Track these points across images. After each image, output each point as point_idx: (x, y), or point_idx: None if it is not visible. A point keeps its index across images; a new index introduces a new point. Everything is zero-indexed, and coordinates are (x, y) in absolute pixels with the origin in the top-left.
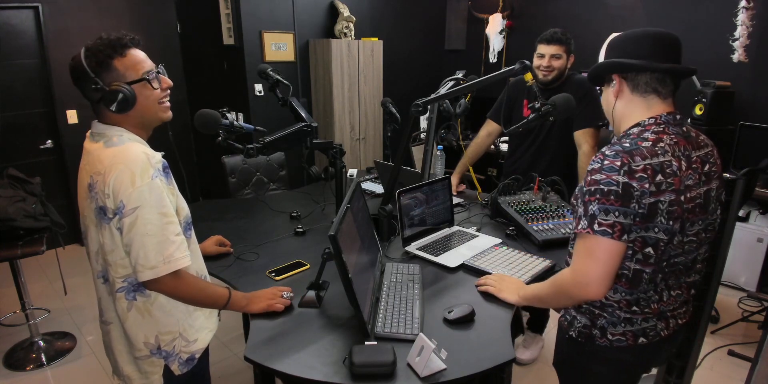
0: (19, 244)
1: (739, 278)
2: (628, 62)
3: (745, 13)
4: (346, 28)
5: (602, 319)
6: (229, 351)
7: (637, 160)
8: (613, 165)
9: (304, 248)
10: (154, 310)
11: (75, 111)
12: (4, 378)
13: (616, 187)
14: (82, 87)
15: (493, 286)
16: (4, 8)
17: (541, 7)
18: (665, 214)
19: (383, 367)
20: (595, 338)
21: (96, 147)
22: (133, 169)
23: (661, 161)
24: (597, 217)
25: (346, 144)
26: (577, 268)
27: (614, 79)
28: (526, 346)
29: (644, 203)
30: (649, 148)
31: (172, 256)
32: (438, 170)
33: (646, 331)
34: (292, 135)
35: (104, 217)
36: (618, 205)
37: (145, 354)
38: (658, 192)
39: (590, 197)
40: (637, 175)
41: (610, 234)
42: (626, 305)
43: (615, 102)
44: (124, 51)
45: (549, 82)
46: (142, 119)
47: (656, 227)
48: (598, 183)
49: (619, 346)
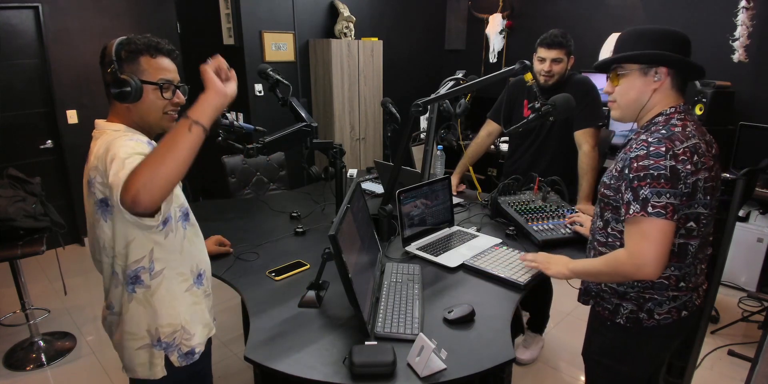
0: (19, 244)
1: (739, 278)
2: (686, 60)
3: (745, 13)
4: (346, 28)
5: (649, 303)
6: (229, 351)
7: (677, 144)
8: (659, 151)
9: (304, 248)
10: (154, 302)
11: (75, 111)
12: (4, 378)
13: (665, 171)
14: (102, 70)
15: (542, 262)
16: (4, 8)
17: (541, 7)
18: (702, 191)
19: (383, 367)
20: (643, 321)
21: (94, 145)
22: (115, 150)
23: (694, 143)
24: (650, 200)
25: (346, 144)
26: (634, 251)
27: (659, 72)
28: (526, 346)
29: (689, 183)
30: (682, 133)
31: (119, 171)
32: (438, 170)
33: (687, 304)
34: (292, 135)
35: (106, 208)
36: (669, 187)
37: (147, 343)
38: (696, 171)
39: (640, 182)
40: (680, 158)
41: (663, 215)
42: (675, 281)
43: (653, 93)
44: (156, 55)
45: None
46: (142, 121)
47: (696, 203)
48: (647, 168)
49: (665, 323)
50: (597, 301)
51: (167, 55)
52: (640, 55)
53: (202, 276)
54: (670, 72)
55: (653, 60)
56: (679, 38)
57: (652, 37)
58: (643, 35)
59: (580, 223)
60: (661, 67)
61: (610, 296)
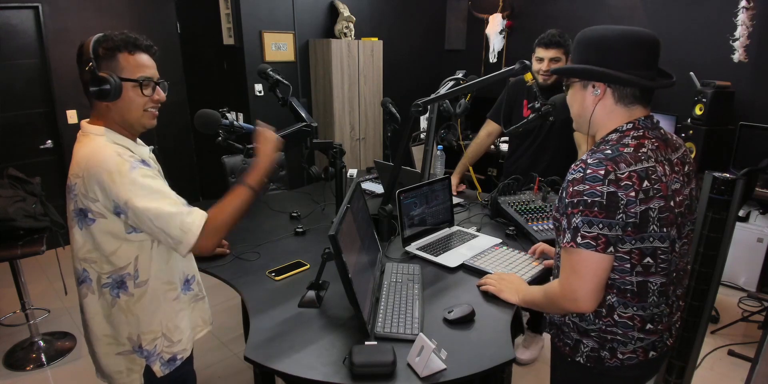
0: (19, 244)
1: (739, 278)
2: (618, 76)
3: (745, 13)
4: (346, 28)
5: (613, 342)
6: (229, 351)
7: (621, 168)
8: (597, 174)
9: (304, 248)
10: (136, 310)
11: (75, 111)
12: (4, 378)
13: (600, 198)
14: (80, 68)
15: (494, 285)
16: (4, 8)
17: (541, 7)
18: (657, 222)
19: (383, 367)
20: (605, 360)
21: (77, 148)
22: (107, 168)
23: (646, 167)
24: (580, 229)
25: (346, 144)
26: (564, 284)
27: (597, 87)
28: (526, 346)
29: (633, 212)
30: (632, 154)
31: (186, 224)
32: (438, 170)
33: (656, 344)
34: (292, 135)
35: (84, 218)
36: (602, 216)
37: (127, 349)
38: (646, 199)
39: (573, 209)
40: (623, 184)
41: (593, 246)
42: (640, 322)
43: (594, 108)
44: (135, 51)
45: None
46: (123, 120)
47: (651, 237)
48: (582, 194)
49: (630, 363)
50: (557, 335)
51: (145, 51)
52: (569, 69)
53: (191, 281)
54: (610, 87)
55: (581, 76)
56: (627, 48)
57: (588, 43)
58: (583, 42)
59: (545, 255)
60: (598, 82)
61: (570, 331)
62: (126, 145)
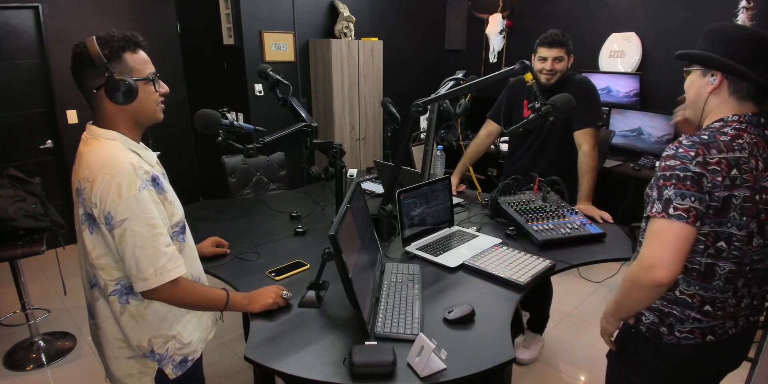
0: (19, 244)
1: None
2: (736, 67)
3: (745, 13)
4: (346, 28)
5: (671, 318)
6: (229, 351)
7: (712, 153)
8: (687, 154)
9: (304, 248)
10: (147, 315)
11: (75, 111)
12: (4, 378)
13: (692, 174)
14: (84, 74)
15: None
16: (4, 8)
17: (541, 7)
18: (738, 210)
19: (383, 367)
20: (663, 335)
21: (87, 151)
22: (119, 180)
23: (738, 157)
24: (673, 201)
25: (346, 144)
26: (644, 253)
27: (715, 75)
28: (526, 346)
29: (717, 196)
30: (726, 143)
31: (165, 268)
32: (438, 170)
33: (715, 329)
34: (292, 135)
35: (93, 223)
36: (694, 190)
37: (139, 354)
38: (732, 186)
39: (665, 182)
40: (710, 168)
41: (685, 218)
42: (700, 302)
43: (709, 97)
44: (136, 49)
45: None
46: (138, 117)
47: (729, 222)
48: (674, 168)
49: (686, 343)
50: None
51: (143, 47)
52: (692, 54)
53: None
54: (727, 78)
55: (703, 62)
56: (753, 43)
57: (719, 37)
58: (713, 34)
59: None
60: (717, 72)
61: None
62: (138, 151)
